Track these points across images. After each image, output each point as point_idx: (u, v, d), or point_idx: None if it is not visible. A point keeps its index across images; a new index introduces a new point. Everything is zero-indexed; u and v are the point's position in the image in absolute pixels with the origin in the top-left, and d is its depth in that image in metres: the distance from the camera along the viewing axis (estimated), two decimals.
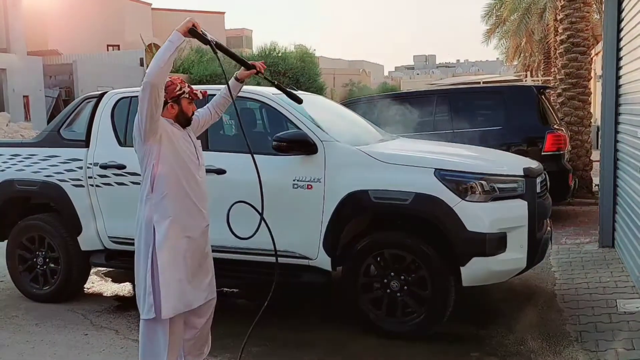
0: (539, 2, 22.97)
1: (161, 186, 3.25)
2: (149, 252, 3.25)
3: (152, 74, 3.07)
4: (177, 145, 3.32)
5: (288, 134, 4.44)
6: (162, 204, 3.26)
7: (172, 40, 3.13)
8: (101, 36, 31.03)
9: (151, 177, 3.25)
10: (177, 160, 3.29)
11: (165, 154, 3.25)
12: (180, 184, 3.30)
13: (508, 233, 4.15)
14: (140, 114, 3.13)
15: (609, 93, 6.37)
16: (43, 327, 4.84)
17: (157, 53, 3.16)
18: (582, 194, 9.65)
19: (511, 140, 7.70)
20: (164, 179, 3.25)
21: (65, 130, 5.46)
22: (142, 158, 3.28)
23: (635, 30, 5.31)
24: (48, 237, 5.34)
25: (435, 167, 4.19)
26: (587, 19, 10.19)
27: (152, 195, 3.26)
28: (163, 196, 3.26)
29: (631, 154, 5.51)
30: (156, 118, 3.16)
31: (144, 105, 3.09)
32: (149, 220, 3.26)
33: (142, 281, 3.28)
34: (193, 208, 3.37)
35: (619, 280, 5.32)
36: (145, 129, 3.15)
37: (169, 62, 3.14)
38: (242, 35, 48.39)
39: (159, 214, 3.26)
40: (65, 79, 23.52)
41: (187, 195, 3.33)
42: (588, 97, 10.25)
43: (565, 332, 4.36)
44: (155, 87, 3.07)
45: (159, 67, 3.07)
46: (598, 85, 11.12)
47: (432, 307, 4.20)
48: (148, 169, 3.26)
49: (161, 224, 3.25)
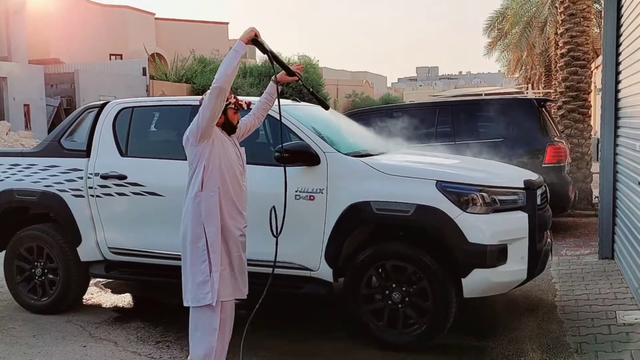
0: (540, 16, 23.13)
1: (211, 185, 3.53)
2: (199, 245, 3.54)
3: (221, 79, 3.38)
4: (226, 149, 3.62)
5: (291, 145, 4.45)
6: (211, 202, 3.53)
7: (237, 49, 3.45)
8: (104, 45, 31.15)
9: (202, 177, 3.52)
10: (224, 163, 3.58)
11: (215, 156, 3.54)
12: (226, 185, 3.59)
13: (509, 245, 4.16)
14: (203, 116, 3.42)
15: (609, 106, 6.40)
16: (41, 339, 4.81)
17: (224, 61, 3.45)
18: (582, 205, 9.67)
19: (512, 152, 7.71)
20: (213, 179, 3.53)
21: (66, 140, 5.46)
22: (193, 159, 3.55)
23: (634, 45, 5.34)
24: (47, 248, 5.33)
25: (437, 179, 4.20)
26: (587, 33, 10.26)
27: (202, 194, 3.53)
28: (212, 194, 3.53)
29: (630, 167, 5.52)
30: (215, 121, 3.48)
31: (210, 108, 3.40)
32: (197, 216, 3.54)
33: (195, 272, 3.54)
34: (236, 208, 3.66)
35: (618, 292, 5.33)
36: (204, 130, 3.44)
37: (235, 69, 3.45)
38: None
39: (208, 211, 3.53)
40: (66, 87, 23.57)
41: (231, 196, 3.62)
42: (588, 110, 10.29)
43: (565, 343, 4.36)
44: (224, 91, 3.41)
45: (227, 74, 3.39)
46: (598, 98, 11.17)
47: (433, 319, 4.20)
48: (199, 169, 3.53)
49: (210, 221, 3.54)
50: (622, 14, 6.13)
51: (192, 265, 3.59)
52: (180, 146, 4.96)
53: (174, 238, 4.86)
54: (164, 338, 4.75)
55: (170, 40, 33.09)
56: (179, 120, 5.18)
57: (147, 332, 4.91)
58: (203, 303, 3.55)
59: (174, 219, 4.84)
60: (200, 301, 3.56)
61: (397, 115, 8.58)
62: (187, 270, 3.63)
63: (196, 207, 3.55)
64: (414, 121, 8.14)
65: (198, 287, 3.55)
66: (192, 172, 3.58)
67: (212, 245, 3.54)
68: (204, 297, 3.54)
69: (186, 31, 35.29)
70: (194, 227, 3.57)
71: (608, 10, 6.39)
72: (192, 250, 3.58)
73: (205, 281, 3.53)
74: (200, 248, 3.55)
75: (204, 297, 3.54)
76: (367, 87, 48.80)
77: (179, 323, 5.07)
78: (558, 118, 10.24)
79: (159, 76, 26.05)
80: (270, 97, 4.09)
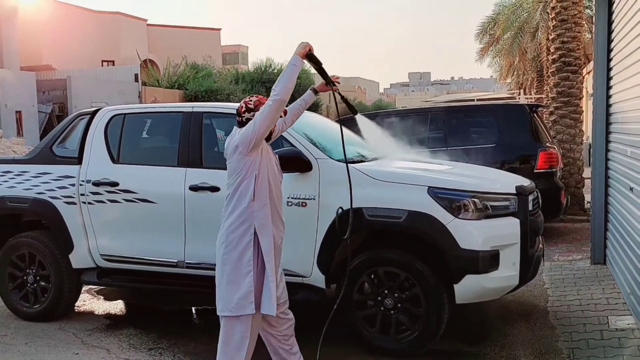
0: (532, 22, 23.30)
1: (263, 195, 3.54)
2: (247, 255, 3.51)
3: (283, 92, 3.45)
4: (268, 157, 3.65)
5: (282, 152, 4.45)
6: (262, 212, 3.54)
7: (295, 64, 3.57)
8: (96, 52, 31.06)
9: (253, 187, 3.51)
10: (269, 171, 3.61)
11: (264, 165, 3.57)
12: (272, 194, 3.61)
13: (501, 251, 4.17)
14: (260, 127, 3.44)
15: (600, 111, 6.43)
16: (33, 346, 4.78)
17: (283, 75, 3.53)
18: (574, 210, 9.71)
19: (504, 157, 7.75)
20: (264, 189, 3.54)
21: (58, 147, 5.44)
22: (241, 169, 3.52)
23: (625, 50, 5.38)
24: (39, 255, 5.30)
25: (429, 185, 4.22)
26: (578, 38, 10.34)
27: (254, 204, 3.52)
28: (264, 204, 3.54)
29: (621, 172, 5.55)
30: (269, 131, 3.55)
31: (269, 118, 3.45)
32: (248, 226, 3.52)
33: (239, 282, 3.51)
34: (279, 216, 3.69)
35: (610, 297, 5.35)
36: (257, 140, 3.46)
37: (294, 82, 3.53)
38: (238, 51, 48.61)
39: (260, 221, 3.54)
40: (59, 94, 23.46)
41: (275, 204, 3.64)
42: (580, 115, 10.35)
43: (557, 349, 4.37)
44: (284, 103, 3.50)
45: (288, 87, 3.47)
46: (590, 104, 11.23)
47: (426, 325, 4.20)
48: (249, 179, 3.51)
49: (264, 231, 3.54)
50: (613, 20, 6.17)
51: (235, 274, 3.53)
52: (172, 153, 5.01)
53: (166, 245, 4.88)
54: (156, 345, 4.73)
55: (162, 47, 33.08)
56: (171, 127, 5.19)
57: (139, 339, 4.88)
58: (243, 313, 3.52)
59: (166, 225, 4.87)
60: (240, 311, 3.52)
61: (389, 121, 8.60)
62: (226, 279, 3.56)
63: (248, 218, 3.52)
64: (406, 127, 8.16)
65: (242, 296, 3.51)
66: (238, 182, 3.53)
67: (267, 254, 3.54)
68: (246, 306, 3.51)
69: (178, 37, 35.32)
70: (241, 237, 3.53)
71: (599, 16, 6.44)
72: (238, 259, 3.53)
73: (249, 291, 3.51)
74: (247, 258, 3.52)
75: (246, 307, 3.51)
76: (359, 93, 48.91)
77: (171, 330, 5.06)
78: (550, 123, 10.29)
79: (151, 82, 26.00)
80: (304, 105, 4.19)
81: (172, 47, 31.86)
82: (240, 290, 3.52)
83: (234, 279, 3.53)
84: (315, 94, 4.22)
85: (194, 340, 4.80)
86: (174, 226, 4.81)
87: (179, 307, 5.92)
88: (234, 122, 5.59)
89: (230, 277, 3.55)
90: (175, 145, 5.00)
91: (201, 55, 29.98)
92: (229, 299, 3.55)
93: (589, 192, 7.14)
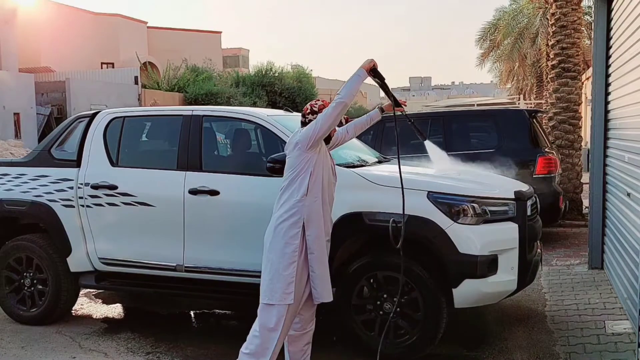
0: (532, 28, 23.38)
1: (315, 191, 3.70)
2: (292, 246, 3.66)
3: (347, 96, 3.70)
4: (325, 158, 3.83)
5: (282, 156, 4.44)
6: (314, 207, 3.70)
7: (360, 75, 3.81)
8: (95, 54, 31.03)
9: (308, 182, 3.68)
10: (325, 171, 3.78)
11: (319, 164, 3.73)
12: (325, 192, 3.78)
13: (499, 255, 4.17)
14: (322, 126, 3.65)
15: (598, 117, 6.45)
16: (30, 350, 4.77)
17: (348, 81, 3.78)
18: (572, 216, 9.73)
19: (503, 163, 7.75)
20: (317, 185, 3.71)
21: (56, 150, 5.43)
22: (297, 164, 3.70)
23: (623, 57, 5.40)
24: (36, 258, 5.28)
25: (428, 190, 4.23)
26: (577, 44, 10.36)
27: (307, 198, 3.68)
28: (315, 199, 3.70)
29: (619, 178, 5.56)
30: (329, 131, 3.75)
31: (331, 119, 3.66)
32: (298, 219, 3.67)
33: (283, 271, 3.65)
34: (329, 214, 3.86)
35: (607, 302, 5.37)
36: (317, 138, 3.66)
37: (357, 90, 3.81)
38: (238, 54, 48.53)
39: (310, 214, 3.69)
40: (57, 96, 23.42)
41: (327, 201, 3.81)
42: (578, 121, 10.37)
43: (555, 353, 4.39)
44: (347, 107, 3.71)
45: (352, 93, 3.74)
46: (589, 110, 11.26)
47: (424, 329, 4.20)
48: (304, 174, 3.68)
49: (312, 224, 3.70)
50: (612, 26, 6.20)
51: (279, 264, 3.67)
52: (171, 156, 5.01)
53: (165, 248, 4.87)
54: (154, 349, 4.72)
55: (162, 49, 33.05)
56: (171, 131, 5.18)
57: (137, 343, 4.87)
58: (282, 302, 3.65)
59: (165, 229, 4.87)
60: (279, 300, 3.65)
61: (390, 126, 8.60)
62: (270, 267, 3.71)
63: (299, 211, 3.68)
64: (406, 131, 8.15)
65: (283, 286, 3.65)
66: (293, 177, 3.71)
67: (311, 247, 3.70)
68: (286, 297, 3.65)
69: (178, 40, 35.28)
70: (290, 228, 3.67)
71: (598, 22, 6.46)
72: (283, 249, 3.67)
73: (290, 282, 3.65)
74: (292, 249, 3.67)
75: (285, 297, 3.65)
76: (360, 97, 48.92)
77: (170, 333, 5.05)
78: (549, 129, 10.31)
79: (151, 85, 25.98)
80: (370, 121, 4.45)
81: (173, 50, 31.84)
82: (281, 281, 3.65)
83: (278, 267, 3.67)
84: (381, 112, 4.45)
85: (192, 345, 4.79)
86: (173, 230, 4.80)
87: (177, 311, 5.91)
88: (234, 125, 5.60)
89: (274, 266, 3.68)
90: (175, 149, 4.99)
91: (201, 58, 29.97)
92: (270, 288, 3.68)
93: (587, 197, 7.16)
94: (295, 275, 3.66)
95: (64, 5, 31.22)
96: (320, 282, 3.75)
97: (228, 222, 4.66)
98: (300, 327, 3.90)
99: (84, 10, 32.42)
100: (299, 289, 3.71)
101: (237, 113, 5.18)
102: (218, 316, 5.70)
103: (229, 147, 5.50)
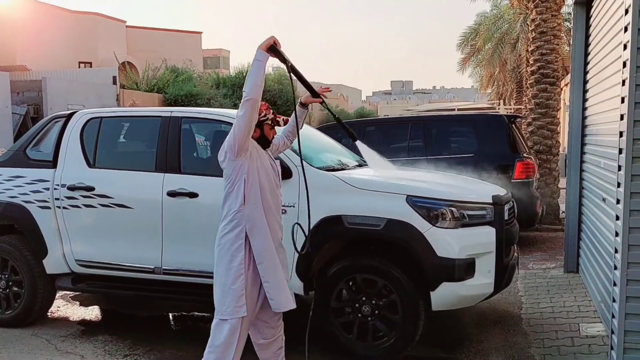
0: (512, 33, 23.66)
1: (254, 198, 3.51)
2: (237, 258, 3.50)
3: (252, 91, 3.35)
4: (263, 162, 3.61)
5: None
6: (254, 215, 3.52)
7: (259, 58, 3.40)
8: (73, 53, 30.60)
9: (243, 190, 3.49)
10: (263, 176, 3.57)
11: (254, 169, 3.52)
12: (267, 198, 3.57)
13: (477, 259, 4.22)
14: (239, 130, 3.39)
15: (576, 123, 6.56)
16: (5, 352, 4.69)
17: (249, 72, 3.43)
18: (549, 220, 9.85)
19: (482, 167, 7.83)
20: (255, 193, 3.52)
21: (31, 150, 5.36)
22: (231, 173, 3.51)
23: (600, 64, 5.48)
24: (11, 260, 5.21)
25: (407, 194, 4.25)
26: (557, 51, 10.49)
27: (245, 207, 3.50)
28: (255, 207, 3.52)
29: (595, 183, 5.65)
30: (250, 134, 3.47)
31: (244, 121, 3.37)
32: (240, 230, 3.51)
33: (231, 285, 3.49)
34: (276, 221, 3.65)
35: (582, 305, 5.46)
36: (240, 144, 3.42)
37: (263, 78, 3.43)
38: (219, 55, 48.28)
39: (251, 223, 3.52)
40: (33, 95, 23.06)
41: (271, 208, 3.61)
42: (557, 127, 10.51)
43: (530, 355, 4.45)
44: (257, 102, 3.39)
45: (257, 84, 3.37)
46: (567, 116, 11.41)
47: (402, 331, 4.23)
48: (238, 183, 3.50)
49: (255, 233, 3.52)
50: (590, 33, 6.30)
51: (227, 277, 3.53)
52: (150, 158, 4.97)
53: (143, 251, 4.83)
54: (132, 352, 4.68)
55: (141, 49, 32.74)
56: (149, 132, 5.14)
57: (114, 345, 4.82)
58: (235, 316, 3.52)
59: (143, 231, 4.82)
60: (231, 314, 3.52)
61: (370, 130, 8.66)
62: (219, 281, 3.58)
63: (240, 221, 3.51)
64: (387, 135, 8.21)
65: (233, 300, 3.51)
66: (230, 187, 3.53)
67: (259, 257, 3.54)
68: (238, 310, 3.51)
69: (158, 40, 34.98)
70: (234, 240, 3.52)
71: (577, 29, 6.56)
72: (229, 263, 3.53)
73: (240, 295, 3.51)
74: (238, 261, 3.51)
75: (237, 311, 3.51)
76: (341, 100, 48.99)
77: (148, 336, 5.01)
78: (528, 134, 10.44)
79: (130, 85, 25.69)
80: (297, 121, 4.06)
81: (152, 50, 31.53)
82: (231, 295, 3.51)
83: (226, 281, 3.53)
84: (303, 106, 4.00)
85: (170, 347, 4.76)
86: (151, 232, 4.77)
87: (155, 314, 5.86)
88: (214, 127, 5.55)
89: (222, 280, 3.55)
90: (153, 150, 4.96)
91: (181, 58, 29.73)
92: (222, 302, 3.55)
93: (564, 202, 7.27)
94: (244, 288, 3.51)
95: (41, 3, 30.78)
96: (276, 291, 3.59)
97: (207, 225, 4.63)
98: (268, 334, 3.78)
99: (61, 8, 31.98)
100: (251, 300, 3.57)
101: (217, 115, 5.16)
102: (196, 318, 5.66)
103: (209, 149, 5.47)
